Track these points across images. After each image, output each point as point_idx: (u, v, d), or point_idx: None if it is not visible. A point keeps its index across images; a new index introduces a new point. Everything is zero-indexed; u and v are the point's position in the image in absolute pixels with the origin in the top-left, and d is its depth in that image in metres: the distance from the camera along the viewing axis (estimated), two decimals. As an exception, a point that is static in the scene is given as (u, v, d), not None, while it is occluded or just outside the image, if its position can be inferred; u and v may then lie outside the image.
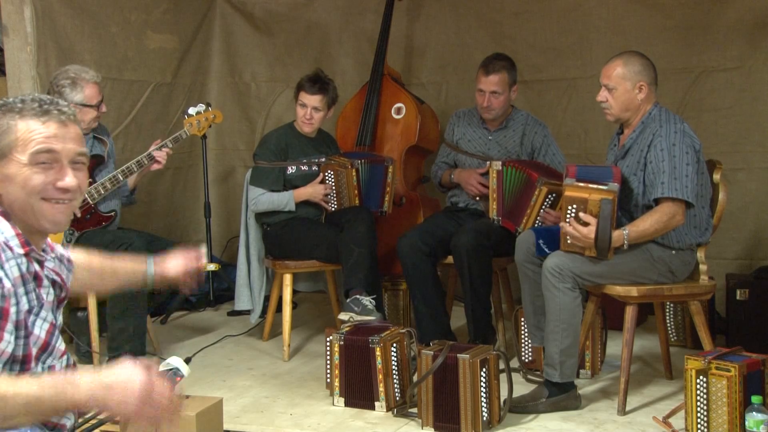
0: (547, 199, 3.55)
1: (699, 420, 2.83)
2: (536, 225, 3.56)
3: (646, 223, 3.05)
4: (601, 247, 3.00)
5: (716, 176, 3.24)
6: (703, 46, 4.36)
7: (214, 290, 4.81)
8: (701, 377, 2.83)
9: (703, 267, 3.21)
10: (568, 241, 3.09)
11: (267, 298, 4.15)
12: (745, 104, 4.29)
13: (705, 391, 2.82)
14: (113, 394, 1.57)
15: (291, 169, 4.01)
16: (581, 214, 3.02)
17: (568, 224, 3.05)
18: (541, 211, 3.56)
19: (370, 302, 3.52)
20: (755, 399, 2.70)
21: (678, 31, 4.40)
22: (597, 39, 4.55)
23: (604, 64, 3.23)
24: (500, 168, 3.67)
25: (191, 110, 4.02)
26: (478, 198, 3.89)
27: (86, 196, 3.62)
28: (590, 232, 3.00)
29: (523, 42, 4.75)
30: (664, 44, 4.36)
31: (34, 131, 1.75)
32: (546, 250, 3.24)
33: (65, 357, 1.86)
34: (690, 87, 4.38)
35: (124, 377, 1.58)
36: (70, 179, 1.77)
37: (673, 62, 4.31)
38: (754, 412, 2.67)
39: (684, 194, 3.01)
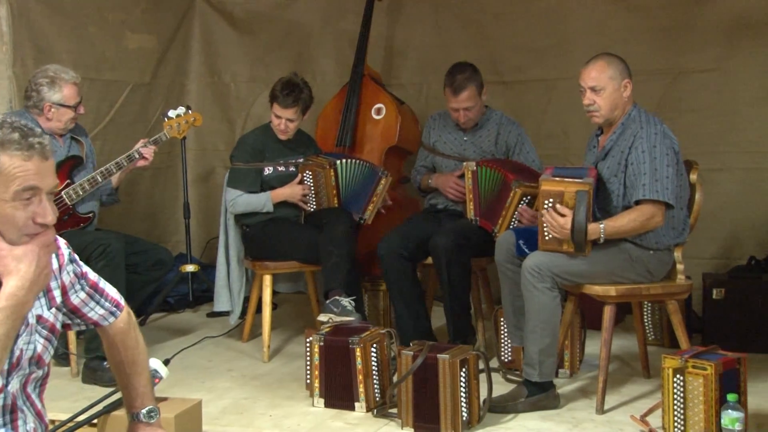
0: (522, 202, 3.60)
1: (676, 418, 2.87)
2: (512, 225, 3.60)
3: (623, 220, 3.09)
4: (578, 239, 3.03)
5: (693, 177, 3.27)
6: (681, 48, 4.40)
7: (194, 291, 4.79)
8: (678, 376, 2.86)
9: (680, 267, 3.24)
10: (546, 237, 3.12)
11: (246, 299, 4.15)
12: (722, 105, 4.34)
13: (682, 389, 2.85)
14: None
15: (268, 170, 4.00)
16: (558, 206, 3.05)
17: (546, 215, 3.08)
18: (516, 212, 3.60)
19: (350, 303, 3.52)
20: (731, 397, 2.73)
21: (657, 33, 4.44)
22: (577, 40, 4.58)
23: (583, 67, 3.25)
24: (475, 168, 3.70)
25: (171, 113, 4.01)
26: (456, 201, 3.91)
27: (64, 197, 3.61)
28: (567, 222, 3.03)
29: (503, 43, 4.77)
30: (644, 45, 4.40)
31: (18, 168, 1.75)
32: (526, 250, 3.26)
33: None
34: (668, 88, 4.42)
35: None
36: (51, 216, 1.81)
37: (651, 63, 4.35)
38: (729, 410, 2.71)
39: (664, 196, 3.05)
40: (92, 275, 2.07)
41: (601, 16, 4.56)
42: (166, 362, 2.58)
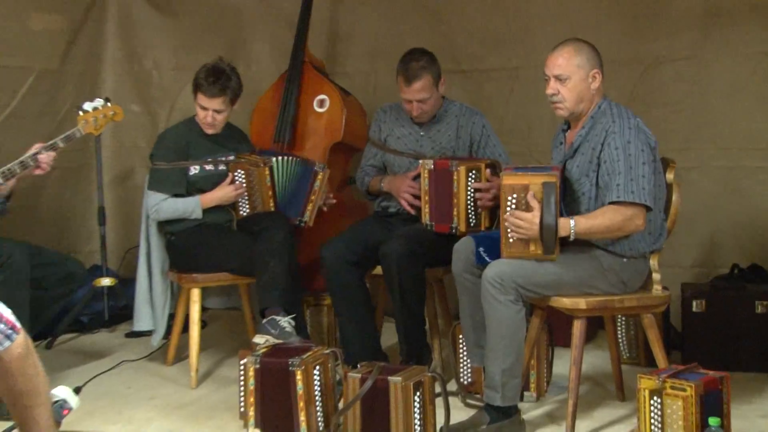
0: (469, 179, 3.60)
1: (653, 445, 2.89)
2: (470, 213, 3.60)
3: (597, 219, 3.09)
4: (547, 236, 3.04)
5: (669, 176, 3.30)
6: (651, 35, 4.46)
7: (110, 308, 4.72)
8: (655, 398, 2.88)
9: (656, 276, 3.27)
10: (511, 239, 3.12)
11: (171, 317, 4.11)
12: (696, 98, 4.41)
13: (659, 412, 2.87)
14: None
15: (194, 170, 3.96)
16: (528, 197, 3.07)
17: (509, 215, 3.08)
18: (469, 194, 3.59)
19: (289, 323, 3.51)
20: (713, 421, 2.76)
21: (626, 19, 4.50)
22: (540, 26, 4.62)
23: (550, 53, 3.27)
24: (432, 167, 3.69)
25: (87, 105, 3.90)
26: (413, 212, 3.88)
27: (-42, 203, 3.50)
28: (535, 216, 3.04)
29: (460, 28, 4.79)
30: (611, 33, 4.44)
31: None
32: (486, 258, 3.26)
33: None
34: (639, 79, 4.48)
35: None
36: None
37: (620, 52, 4.40)
38: (712, 435, 2.74)
39: (641, 197, 3.07)
40: None
41: (565, 0, 4.59)
42: (77, 390, 2.55)
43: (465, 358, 3.59)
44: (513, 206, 3.10)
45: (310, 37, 4.67)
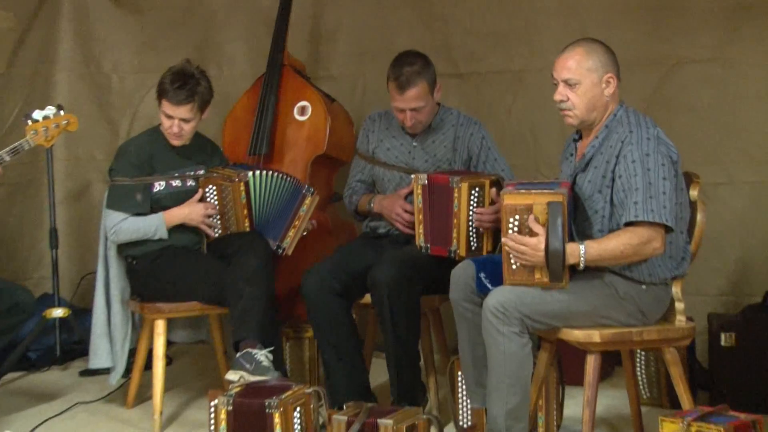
0: (472, 197, 3.60)
1: (677, 497, 2.88)
2: (471, 236, 3.60)
3: (611, 243, 3.10)
4: (554, 264, 3.04)
5: (693, 192, 3.31)
6: (673, 32, 4.48)
7: (62, 343, 4.71)
8: (680, 443, 2.87)
9: (679, 305, 3.27)
10: (513, 265, 3.12)
11: (132, 352, 4.09)
12: (725, 103, 4.42)
13: (684, 460, 2.87)
14: None
15: (159, 186, 3.95)
16: (530, 221, 3.06)
17: (510, 239, 3.08)
18: (471, 214, 3.59)
19: (266, 357, 3.50)
20: (745, 469, 2.75)
21: (643, 15, 4.51)
22: (547, 23, 4.64)
23: (558, 54, 3.28)
24: (426, 182, 3.69)
25: (37, 114, 3.91)
26: (411, 232, 3.88)
27: None
28: (540, 242, 3.04)
29: (457, 25, 4.81)
30: (627, 31, 4.46)
31: None
32: (488, 285, 3.26)
33: None
34: (659, 82, 4.50)
35: None
36: None
37: (637, 52, 4.42)
38: (743, 486, 2.73)
39: (662, 216, 3.07)
40: None
41: (577, -8, 4.64)
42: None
43: (464, 398, 3.57)
44: (515, 229, 3.10)
45: (290, 36, 4.68)
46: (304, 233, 4.03)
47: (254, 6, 5.04)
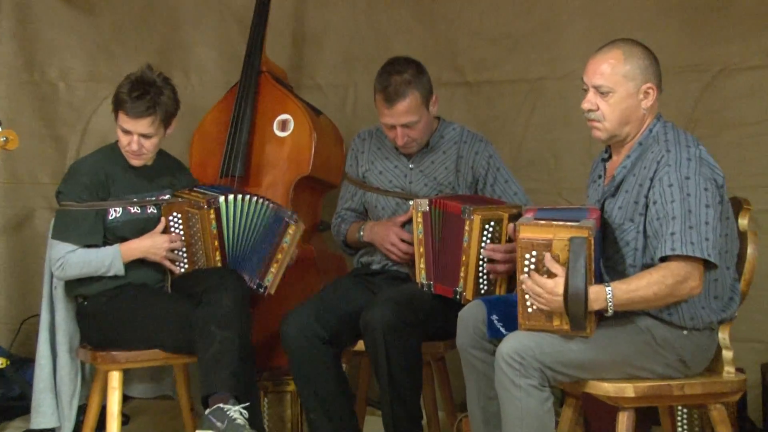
0: (485, 233, 3.60)
1: None
2: (482, 278, 3.60)
3: (641, 282, 3.08)
4: (574, 309, 3.03)
5: (743, 221, 3.32)
6: (719, 35, 4.50)
7: (0, 398, 4.68)
8: None
9: (727, 354, 3.27)
10: (529, 309, 3.12)
11: (83, 409, 4.08)
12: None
13: None
14: None
15: (115, 213, 3.96)
16: (546, 259, 3.07)
17: (527, 277, 3.09)
18: (482, 251, 3.60)
19: (241, 414, 3.50)
20: None
21: (684, 14, 4.54)
22: (569, 24, 4.67)
23: (592, 55, 3.28)
24: (427, 209, 3.70)
25: (-31, 130, 3.94)
26: (406, 261, 3.90)
27: None
28: (557, 285, 3.04)
29: (464, 26, 4.83)
30: (665, 33, 4.48)
31: None
32: (502, 329, 3.27)
33: None
34: (702, 93, 4.52)
35: None
36: None
37: (677, 58, 4.44)
38: None
39: (704, 250, 3.06)
40: None
41: (604, -12, 4.66)
42: None
43: (475, 463, 3.58)
44: (532, 266, 3.10)
45: (269, 39, 4.71)
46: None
47: (226, 4, 5.06)
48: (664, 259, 3.09)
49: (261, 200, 4.04)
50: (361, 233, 4.01)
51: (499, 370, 3.12)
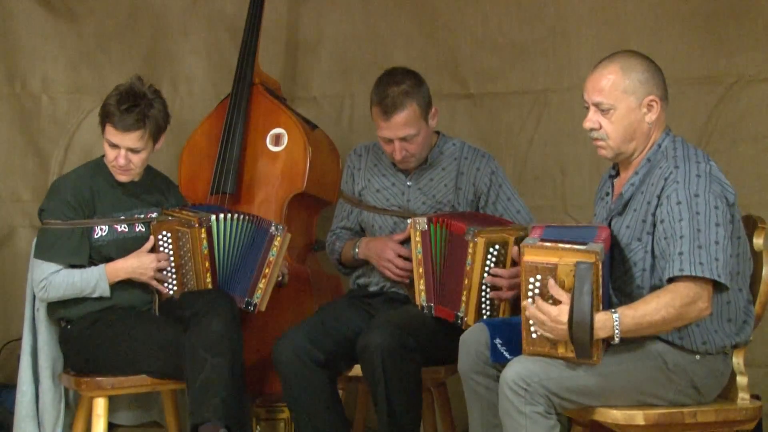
0: (489, 256, 3.62)
1: None
2: (485, 303, 3.62)
3: (649, 306, 3.08)
4: (579, 338, 3.03)
5: (758, 241, 3.33)
6: (734, 45, 4.51)
7: (-21, 426, 4.68)
8: None
9: (741, 380, 3.28)
10: (533, 335, 3.14)
11: (66, 438, 4.08)
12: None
13: None
14: None
15: (101, 231, 3.97)
16: (550, 284, 3.08)
17: (530, 304, 3.10)
18: (485, 275, 3.63)
19: (232, 443, 3.50)
20: None
21: (698, 22, 4.55)
22: (577, 32, 4.69)
23: (590, 71, 3.29)
24: (426, 227, 3.73)
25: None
26: (404, 281, 3.92)
27: None
28: (561, 313, 3.05)
29: (466, 34, 4.84)
30: (677, 42, 4.51)
31: None
32: (506, 354, 3.28)
33: None
34: (716, 105, 4.53)
35: None
36: None
37: (690, 68, 4.46)
38: None
39: (713, 271, 3.06)
40: None
41: (611, -4, 4.68)
42: None
43: (477, 494, 3.59)
44: (536, 290, 3.11)
45: (262, 49, 4.72)
46: (278, 286, 4.04)
47: (217, 11, 5.07)
48: (671, 280, 3.09)
49: (247, 217, 4.03)
50: (356, 250, 4.02)
51: (503, 397, 3.12)
